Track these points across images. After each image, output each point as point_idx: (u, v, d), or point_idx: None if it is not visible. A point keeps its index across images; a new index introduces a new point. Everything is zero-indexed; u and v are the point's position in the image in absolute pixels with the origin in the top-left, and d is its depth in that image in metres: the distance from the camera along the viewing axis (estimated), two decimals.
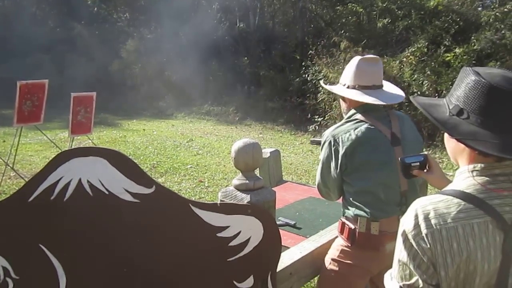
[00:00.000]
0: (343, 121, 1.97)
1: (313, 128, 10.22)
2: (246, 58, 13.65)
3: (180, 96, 13.59)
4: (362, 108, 1.94)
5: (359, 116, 1.91)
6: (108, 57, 14.48)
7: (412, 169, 1.50)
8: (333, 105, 9.94)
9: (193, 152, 8.17)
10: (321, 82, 2.21)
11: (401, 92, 2.04)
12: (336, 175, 1.89)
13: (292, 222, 2.39)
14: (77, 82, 11.47)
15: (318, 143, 2.54)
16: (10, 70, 12.62)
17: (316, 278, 2.98)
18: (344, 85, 2.00)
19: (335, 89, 2.06)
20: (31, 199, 1.40)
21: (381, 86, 1.99)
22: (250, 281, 1.53)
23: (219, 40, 14.57)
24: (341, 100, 2.11)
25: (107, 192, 1.41)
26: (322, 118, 10.19)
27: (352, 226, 1.86)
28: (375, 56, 2.06)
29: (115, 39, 15.24)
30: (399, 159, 1.51)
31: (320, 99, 10.29)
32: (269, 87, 12.37)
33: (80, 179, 1.40)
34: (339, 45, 10.35)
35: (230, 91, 13.02)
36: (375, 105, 1.93)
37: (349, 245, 1.87)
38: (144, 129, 10.52)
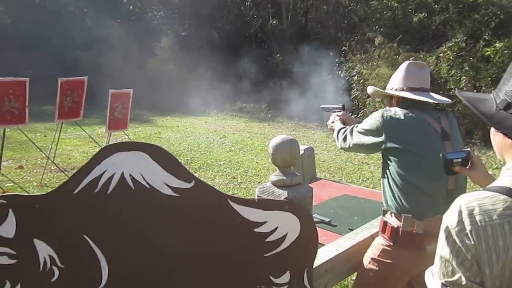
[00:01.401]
0: None
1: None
2: (278, 55, 13.63)
3: (213, 93, 13.70)
4: (410, 102, 1.94)
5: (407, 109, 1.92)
6: (143, 54, 14.76)
7: (454, 165, 1.46)
8: (367, 102, 9.80)
9: (226, 148, 8.24)
10: (369, 88, 2.23)
11: (448, 99, 2.08)
12: (366, 147, 1.96)
13: (327, 219, 2.38)
14: (113, 79, 11.75)
15: (328, 110, 2.55)
16: (50, 67, 13.07)
17: (350, 277, 2.96)
18: (392, 89, 2.02)
19: (383, 91, 2.08)
20: (76, 191, 1.46)
21: (429, 90, 1.98)
22: (286, 276, 1.53)
23: (252, 37, 14.61)
24: (386, 102, 2.13)
25: (148, 186, 1.45)
26: (355, 116, 10.06)
27: (395, 225, 1.84)
28: (423, 62, 2.12)
29: (150, 37, 15.52)
30: (441, 154, 1.47)
31: (354, 96, 10.17)
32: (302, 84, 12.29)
33: (122, 173, 1.44)
34: (374, 41, 10.20)
35: (262, 88, 13.03)
36: (423, 103, 1.92)
37: (391, 244, 1.84)
38: (178, 126, 10.69)
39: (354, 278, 3.11)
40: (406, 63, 2.03)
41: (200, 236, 1.50)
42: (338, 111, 2.45)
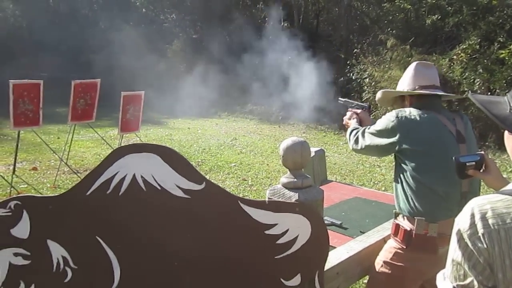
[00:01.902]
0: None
1: None
2: (290, 57, 13.62)
3: (224, 95, 13.74)
4: (424, 103, 1.92)
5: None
6: (155, 57, 14.86)
7: (467, 169, 1.44)
8: (379, 104, 9.74)
9: (236, 150, 8.26)
10: (378, 93, 2.20)
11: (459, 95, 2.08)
12: (379, 149, 1.92)
13: (338, 222, 2.36)
14: (125, 81, 11.85)
15: (349, 105, 2.49)
16: (63, 69, 13.22)
17: (362, 280, 2.94)
18: (403, 90, 2.01)
19: (394, 91, 2.06)
20: (88, 192, 1.47)
21: (440, 88, 1.98)
22: (297, 279, 1.53)
23: (263, 39, 14.63)
24: (397, 106, 2.11)
25: (159, 188, 1.46)
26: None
27: (408, 228, 1.82)
28: (430, 62, 2.12)
29: (162, 40, 15.63)
30: (453, 158, 1.46)
31: (365, 98, 10.11)
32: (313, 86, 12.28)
33: (134, 175, 1.45)
34: (386, 43, 10.14)
35: (273, 90, 13.03)
36: (437, 104, 1.91)
37: (404, 247, 1.83)
38: (189, 128, 10.75)
39: (365, 281, 3.09)
40: (413, 64, 2.02)
41: (211, 238, 1.50)
42: (357, 109, 2.42)
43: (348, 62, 11.18)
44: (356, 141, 2.05)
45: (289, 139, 1.56)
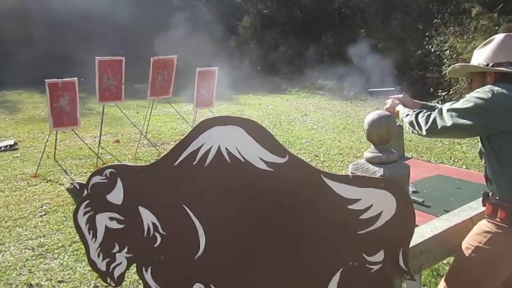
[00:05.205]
0: None
1: (436, 103, 9.53)
2: (363, 30, 13.13)
3: (294, 71, 13.64)
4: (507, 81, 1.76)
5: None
6: (227, 33, 15.01)
7: None
8: (460, 79, 9.12)
9: (307, 126, 8.20)
10: (456, 65, 2.00)
11: None
12: (467, 129, 1.73)
13: (420, 200, 2.28)
14: (198, 58, 12.12)
15: (382, 93, 2.33)
16: (140, 48, 13.79)
17: (442, 262, 2.83)
18: (487, 65, 1.82)
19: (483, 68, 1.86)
20: (176, 163, 1.53)
21: None
22: (380, 255, 1.50)
23: (335, 12, 14.21)
24: (475, 80, 1.93)
25: (243, 160, 1.48)
26: (446, 93, 9.45)
27: (510, 205, 1.70)
28: None
29: (233, 16, 15.74)
30: None
31: (445, 72, 9.52)
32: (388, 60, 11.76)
33: (219, 146, 1.49)
34: (470, 12, 9.39)
35: (345, 65, 12.69)
36: None
37: (506, 226, 1.70)
38: (259, 104, 10.82)
39: (445, 262, 2.97)
40: (501, 35, 1.84)
41: (293, 211, 1.51)
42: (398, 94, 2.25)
43: (426, 34, 10.54)
44: (433, 123, 1.83)
45: (374, 113, 1.51)
